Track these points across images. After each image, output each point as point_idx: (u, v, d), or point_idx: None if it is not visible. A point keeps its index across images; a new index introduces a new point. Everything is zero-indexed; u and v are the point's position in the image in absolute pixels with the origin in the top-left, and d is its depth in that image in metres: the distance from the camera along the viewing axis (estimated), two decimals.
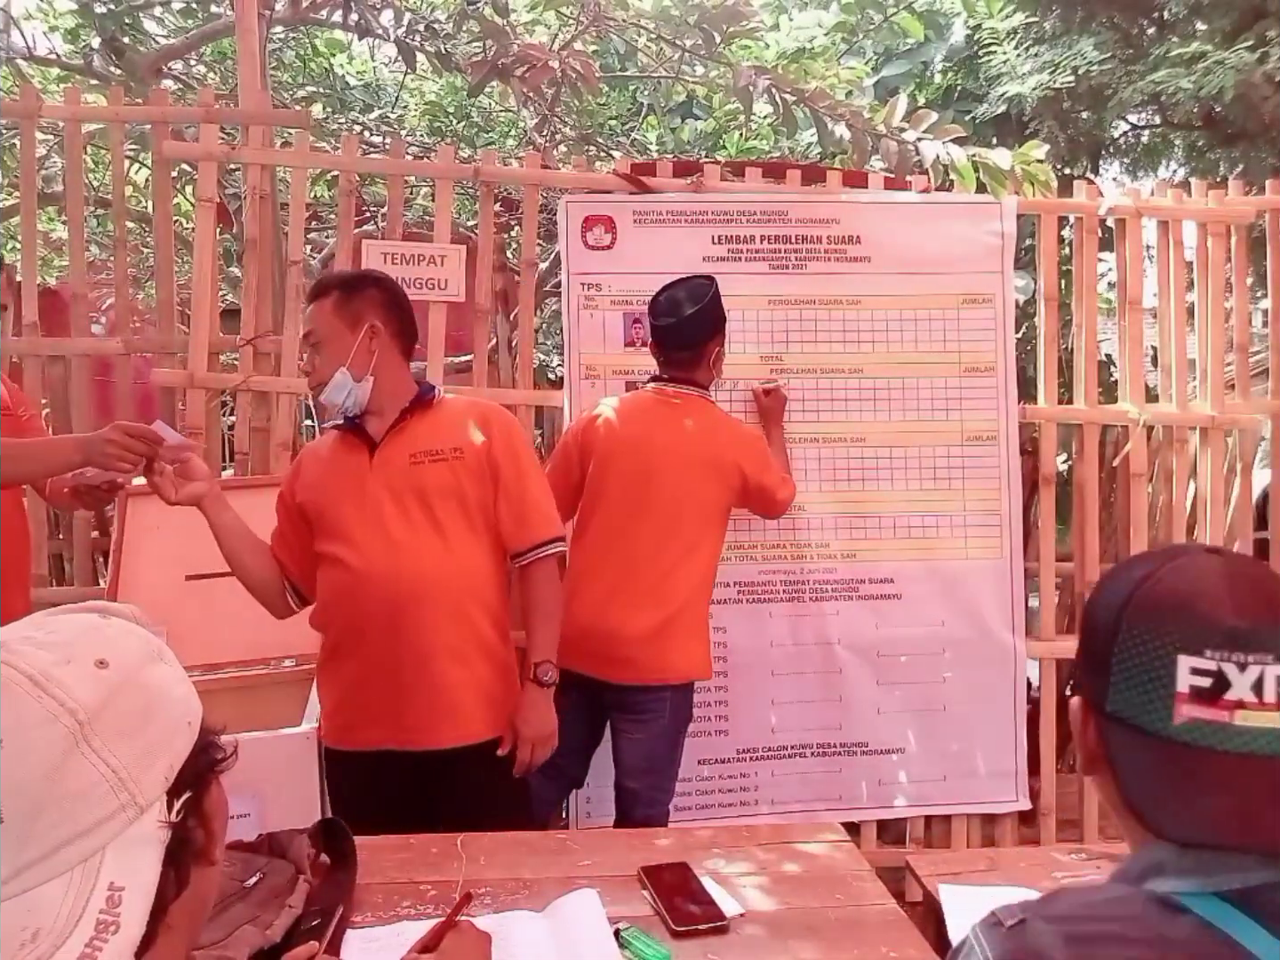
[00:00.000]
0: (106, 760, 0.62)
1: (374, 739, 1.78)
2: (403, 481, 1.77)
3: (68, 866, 0.59)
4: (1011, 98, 4.00)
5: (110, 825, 0.61)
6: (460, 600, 1.78)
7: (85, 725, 0.61)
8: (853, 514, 2.77)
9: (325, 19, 3.81)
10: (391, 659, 1.75)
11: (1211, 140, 4.29)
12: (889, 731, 2.76)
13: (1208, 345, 3.01)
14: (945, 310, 2.81)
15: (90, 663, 0.65)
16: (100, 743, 0.62)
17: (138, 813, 0.62)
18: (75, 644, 0.66)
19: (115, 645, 0.68)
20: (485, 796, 1.77)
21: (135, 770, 0.63)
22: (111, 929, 0.58)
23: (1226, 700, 0.72)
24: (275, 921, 1.18)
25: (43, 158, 3.85)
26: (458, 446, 1.79)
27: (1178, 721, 0.72)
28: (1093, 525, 2.92)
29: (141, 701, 0.66)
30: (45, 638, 0.66)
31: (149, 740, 0.65)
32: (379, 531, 1.76)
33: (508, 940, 1.23)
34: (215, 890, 0.77)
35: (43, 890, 0.58)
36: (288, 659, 2.25)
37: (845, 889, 1.39)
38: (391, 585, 1.73)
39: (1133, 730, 0.75)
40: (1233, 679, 0.72)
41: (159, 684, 0.68)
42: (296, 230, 2.76)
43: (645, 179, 2.78)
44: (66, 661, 0.64)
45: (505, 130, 4.58)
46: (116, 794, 0.61)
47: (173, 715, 0.68)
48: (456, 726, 1.77)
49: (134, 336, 2.88)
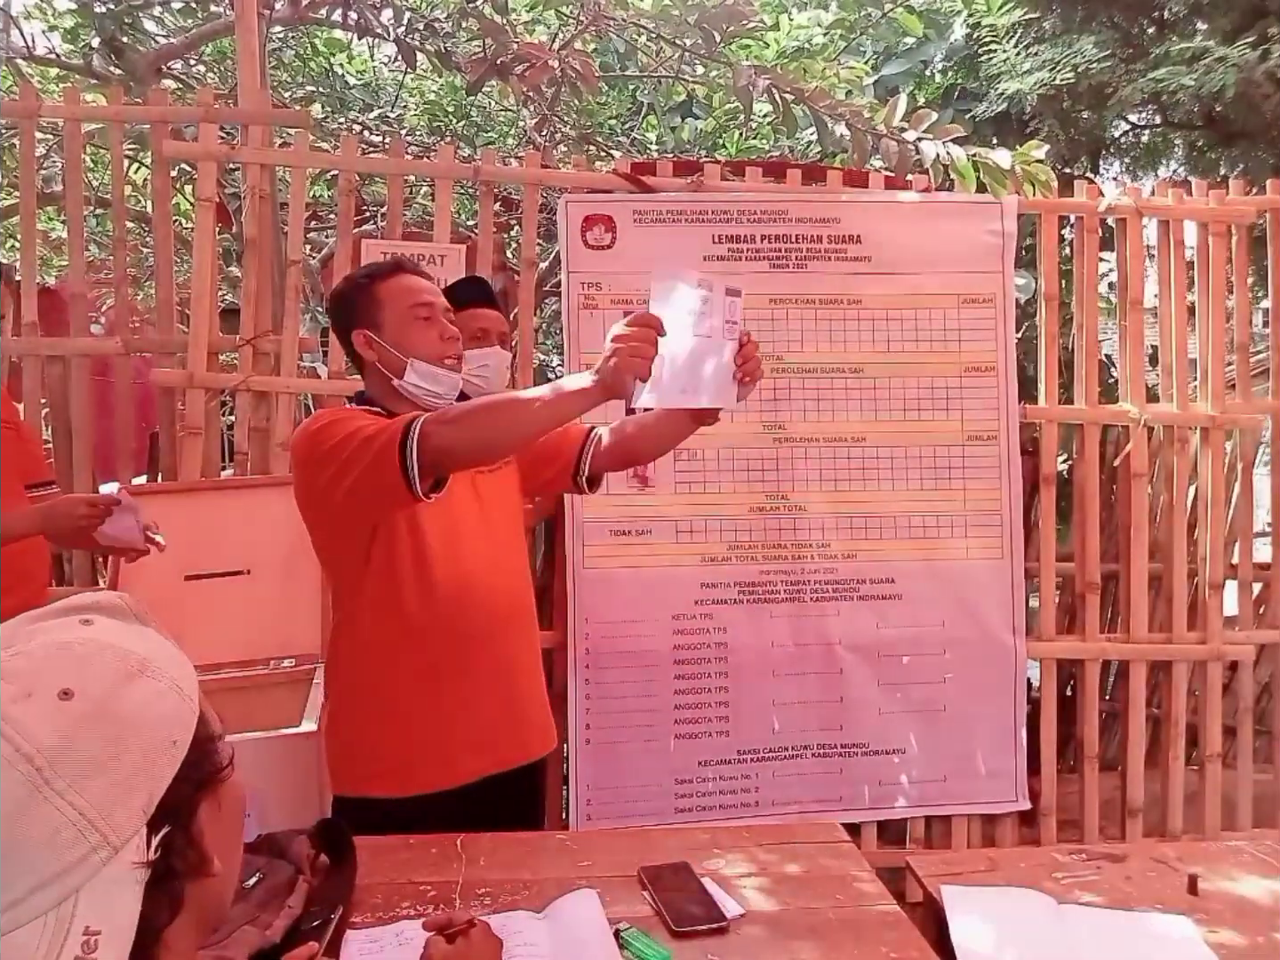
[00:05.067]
0: (72, 802, 0.59)
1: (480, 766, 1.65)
2: (493, 488, 1.76)
3: (39, 912, 0.57)
4: (1011, 96, 3.99)
5: (81, 869, 0.58)
6: (532, 609, 1.83)
7: (44, 769, 0.58)
8: (853, 514, 2.76)
9: (325, 18, 3.81)
10: (509, 671, 1.71)
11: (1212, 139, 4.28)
12: (889, 732, 2.76)
13: (1208, 345, 3.00)
14: (946, 310, 2.81)
15: (53, 694, 0.61)
16: (64, 784, 0.59)
17: (111, 853, 0.59)
18: (40, 672, 0.62)
19: (84, 670, 0.63)
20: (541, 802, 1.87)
21: (107, 807, 0.59)
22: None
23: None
24: (275, 922, 1.18)
25: (42, 157, 3.85)
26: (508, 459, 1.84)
27: None
28: (1093, 525, 2.92)
29: (113, 732, 0.62)
30: (10, 662, 0.63)
31: (123, 772, 0.61)
32: (488, 537, 1.71)
33: (507, 941, 1.23)
34: (227, 891, 0.74)
35: (14, 937, 0.56)
36: (287, 659, 2.26)
37: (846, 890, 1.39)
38: (503, 592, 1.71)
39: None
40: None
41: (133, 708, 0.63)
42: (296, 230, 2.75)
43: (645, 178, 2.77)
44: (27, 695, 0.60)
45: (505, 130, 4.58)
46: (86, 836, 0.58)
47: (153, 739, 0.63)
48: (553, 730, 1.84)
49: (133, 336, 2.87)
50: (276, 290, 2.82)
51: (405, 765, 1.62)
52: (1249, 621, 3.07)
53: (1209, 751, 2.95)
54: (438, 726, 1.63)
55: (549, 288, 3.85)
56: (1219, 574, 2.96)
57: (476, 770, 1.65)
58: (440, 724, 1.63)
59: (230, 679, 2.16)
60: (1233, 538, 3.07)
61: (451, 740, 1.64)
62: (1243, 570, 3.03)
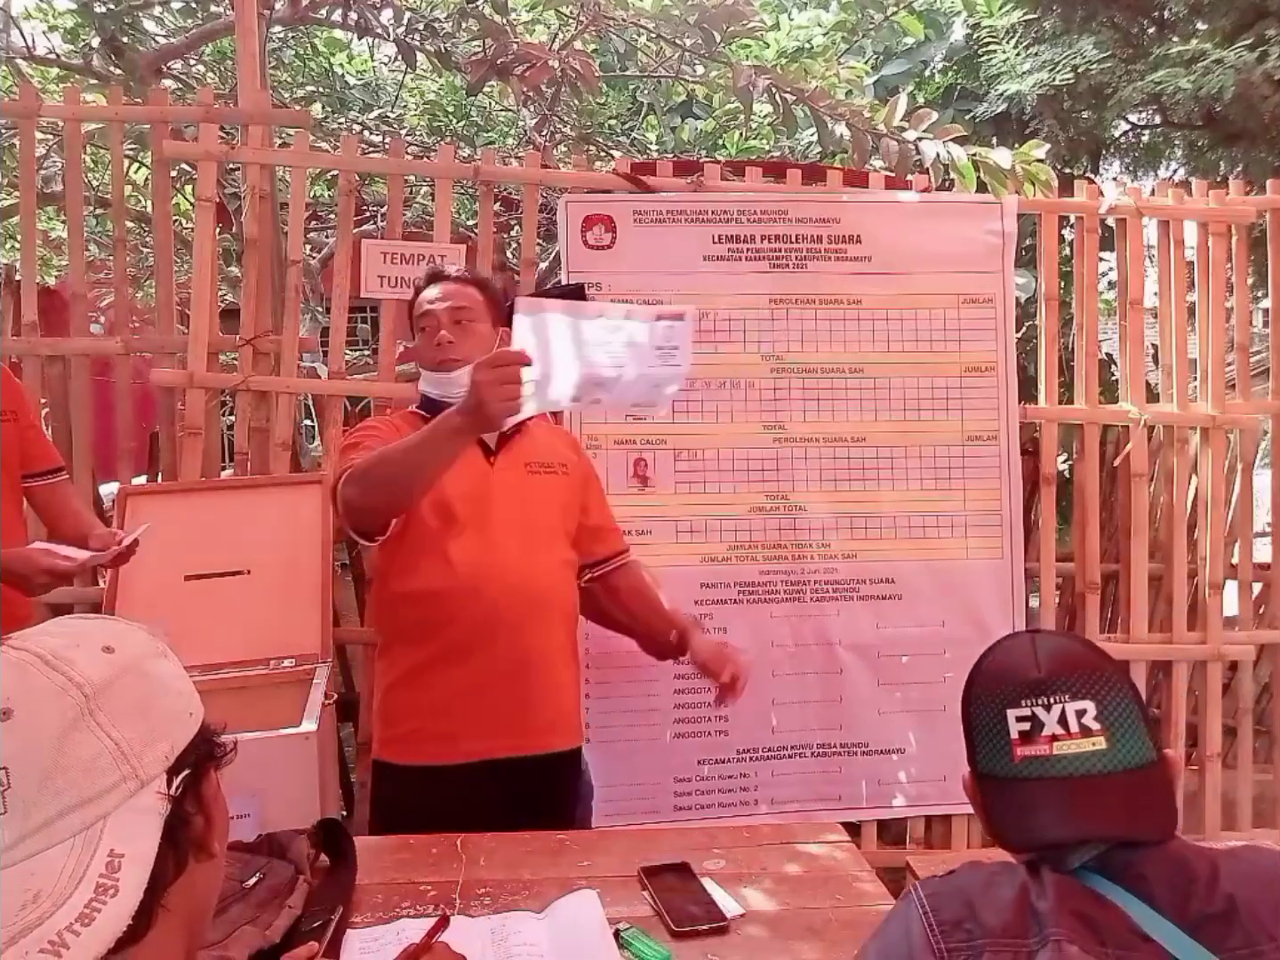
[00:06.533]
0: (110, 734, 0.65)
1: (485, 749, 1.72)
2: (524, 488, 1.81)
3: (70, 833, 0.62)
4: (1011, 96, 4.00)
5: (112, 795, 0.64)
6: (566, 606, 1.86)
7: (91, 699, 0.65)
8: (853, 514, 2.76)
9: (325, 18, 3.81)
10: (516, 662, 1.74)
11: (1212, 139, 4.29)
12: (889, 732, 2.76)
13: (1208, 345, 3.00)
14: (946, 310, 2.81)
15: (98, 647, 0.69)
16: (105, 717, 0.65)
17: (138, 785, 0.65)
18: (84, 633, 0.71)
19: (122, 637, 0.72)
20: (573, 799, 1.85)
21: (138, 746, 0.66)
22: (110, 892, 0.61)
23: (1045, 736, 0.92)
24: (275, 922, 1.18)
25: (42, 157, 3.85)
26: (564, 462, 1.90)
27: (1016, 761, 0.93)
28: (1093, 525, 2.92)
29: (145, 687, 0.69)
30: (56, 629, 0.71)
31: (151, 722, 0.68)
32: (507, 533, 1.76)
33: (507, 942, 1.23)
34: (216, 888, 0.79)
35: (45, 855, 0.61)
36: (287, 659, 2.25)
37: (846, 889, 1.39)
38: (519, 587, 1.74)
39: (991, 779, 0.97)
40: (1044, 718, 0.93)
41: (162, 676, 0.72)
42: (296, 230, 2.75)
43: (645, 178, 2.77)
44: (76, 645, 0.68)
45: (505, 129, 4.58)
46: (119, 766, 0.65)
47: (174, 705, 0.71)
48: (571, 729, 1.85)
49: (133, 336, 2.86)
50: (276, 290, 2.82)
51: (412, 734, 1.75)
52: (1249, 621, 3.07)
53: (1209, 751, 2.94)
54: (444, 703, 1.73)
55: (549, 287, 3.84)
56: (1219, 574, 2.96)
57: (477, 752, 1.71)
58: (446, 701, 1.73)
59: (230, 679, 2.15)
60: (1233, 538, 3.07)
61: (453, 719, 1.72)
62: (1243, 570, 3.03)
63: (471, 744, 1.72)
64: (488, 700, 1.72)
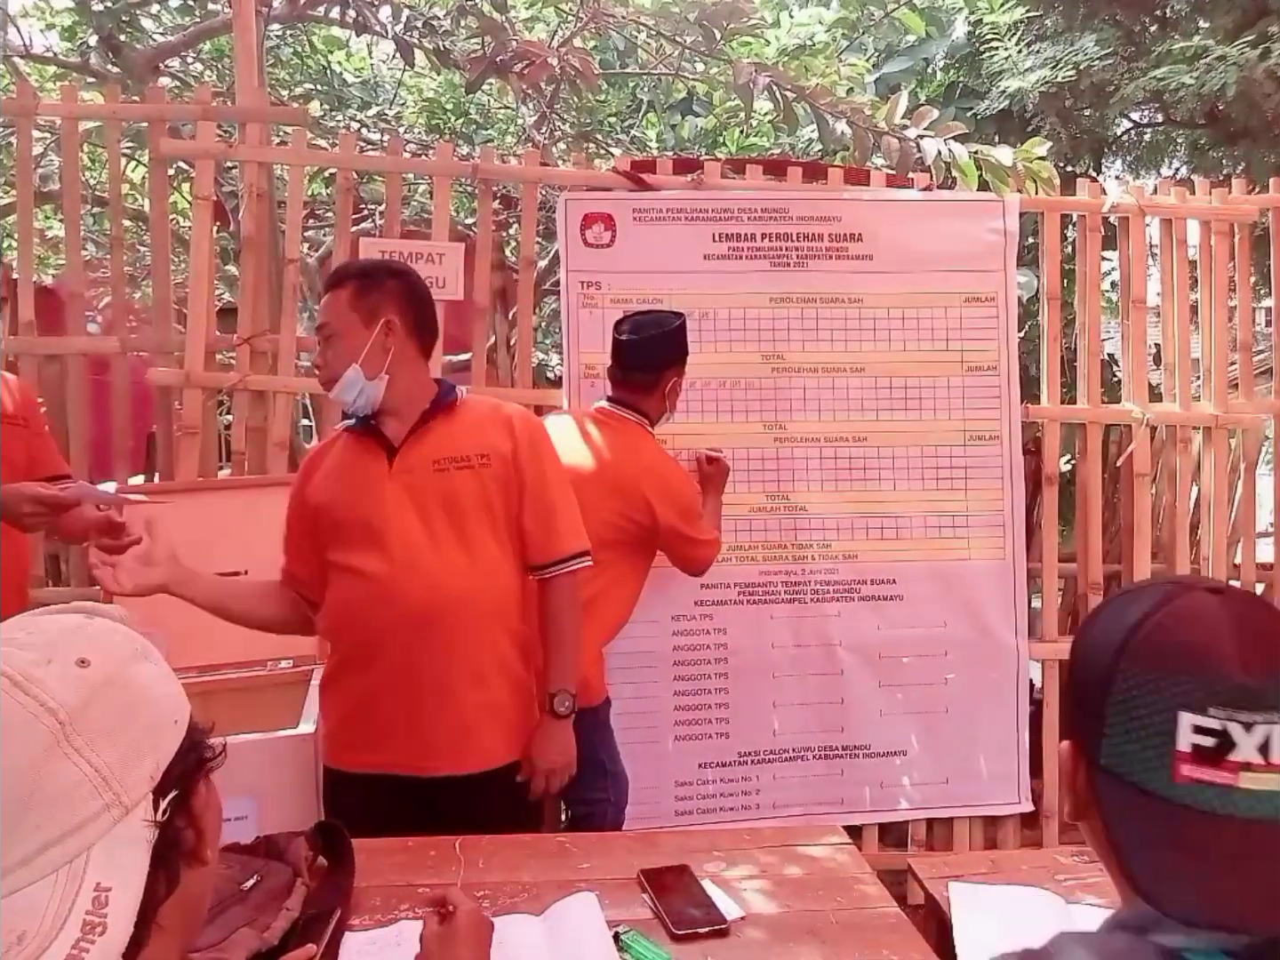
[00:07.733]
0: (89, 760, 0.61)
1: (381, 762, 1.68)
2: (426, 490, 1.68)
3: (53, 868, 0.59)
4: (1013, 93, 3.98)
5: (95, 825, 0.61)
6: (484, 619, 1.69)
7: (67, 725, 0.61)
8: (854, 514, 2.75)
9: (323, 16, 3.80)
10: (408, 678, 1.65)
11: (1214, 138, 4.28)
12: (891, 734, 2.74)
13: (1211, 344, 2.99)
14: (947, 308, 2.80)
15: (71, 662, 0.64)
16: (83, 742, 0.61)
17: (123, 812, 0.62)
18: (57, 644, 0.66)
19: (98, 644, 0.67)
20: (500, 823, 1.62)
21: (119, 769, 0.62)
22: (98, 930, 0.58)
23: (1231, 761, 0.67)
24: (273, 924, 1.17)
25: (39, 155, 3.83)
26: (484, 453, 1.70)
27: (1178, 781, 0.68)
28: (1096, 525, 2.91)
29: (125, 700, 0.65)
30: (27, 639, 0.66)
31: (133, 739, 0.64)
32: (400, 542, 1.66)
33: (506, 944, 1.21)
34: (209, 890, 0.77)
35: (29, 892, 0.58)
36: (285, 660, 2.24)
37: (847, 892, 1.38)
38: (413, 600, 1.64)
39: (1128, 786, 0.70)
40: (1238, 739, 0.67)
41: (143, 683, 0.68)
42: (294, 228, 2.74)
43: (645, 176, 2.76)
44: (47, 661, 0.64)
45: (504, 127, 4.57)
46: (100, 794, 0.61)
47: (158, 713, 0.67)
48: (474, 752, 1.69)
49: (130, 335, 2.86)
50: (274, 289, 2.81)
51: (327, 737, 1.79)
52: None
53: None
54: (344, 712, 1.74)
55: (548, 286, 3.84)
56: (1222, 574, 2.95)
57: (370, 764, 1.70)
58: (345, 711, 1.74)
59: (229, 679, 2.14)
60: (1236, 538, 3.06)
61: (351, 729, 1.73)
62: (1245, 570, 3.02)
63: (364, 756, 1.70)
64: (380, 716, 1.68)
